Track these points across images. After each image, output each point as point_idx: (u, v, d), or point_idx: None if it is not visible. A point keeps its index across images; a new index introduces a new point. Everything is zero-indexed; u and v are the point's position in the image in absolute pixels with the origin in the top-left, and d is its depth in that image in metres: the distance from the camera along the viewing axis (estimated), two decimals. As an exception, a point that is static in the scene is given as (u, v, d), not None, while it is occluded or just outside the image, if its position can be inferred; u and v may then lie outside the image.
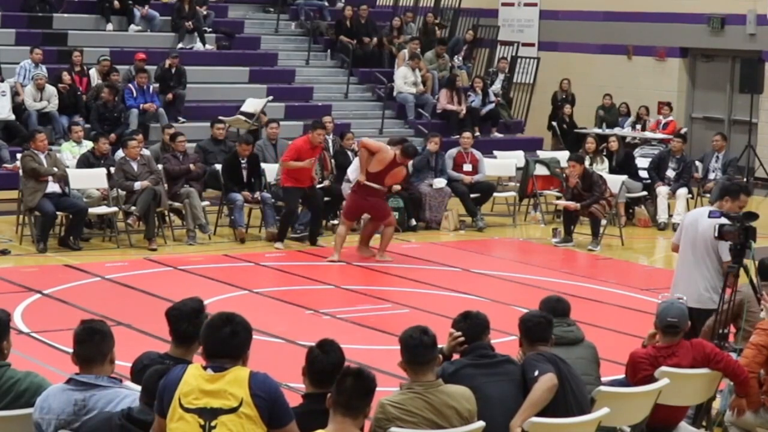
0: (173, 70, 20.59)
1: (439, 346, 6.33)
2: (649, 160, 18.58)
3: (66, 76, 19.21)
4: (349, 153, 17.01)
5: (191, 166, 15.75)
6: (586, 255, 15.83)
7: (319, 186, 15.67)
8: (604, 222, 16.34)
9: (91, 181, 15.26)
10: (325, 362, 5.72)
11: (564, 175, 17.37)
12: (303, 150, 15.17)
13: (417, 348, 6.00)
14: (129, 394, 5.59)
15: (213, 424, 5.23)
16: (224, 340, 5.36)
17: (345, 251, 14.85)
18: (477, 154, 17.83)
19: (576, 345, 7.30)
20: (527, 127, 24.62)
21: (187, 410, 5.27)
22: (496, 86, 24.18)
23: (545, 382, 6.38)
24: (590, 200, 15.98)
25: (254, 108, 20.18)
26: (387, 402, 5.94)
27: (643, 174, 18.22)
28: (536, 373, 6.43)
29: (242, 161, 15.90)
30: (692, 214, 9.86)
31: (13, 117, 18.76)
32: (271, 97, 20.74)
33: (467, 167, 17.56)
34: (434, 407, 5.93)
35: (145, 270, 13.73)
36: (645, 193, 18.04)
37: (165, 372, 5.46)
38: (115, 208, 15.14)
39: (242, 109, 20.09)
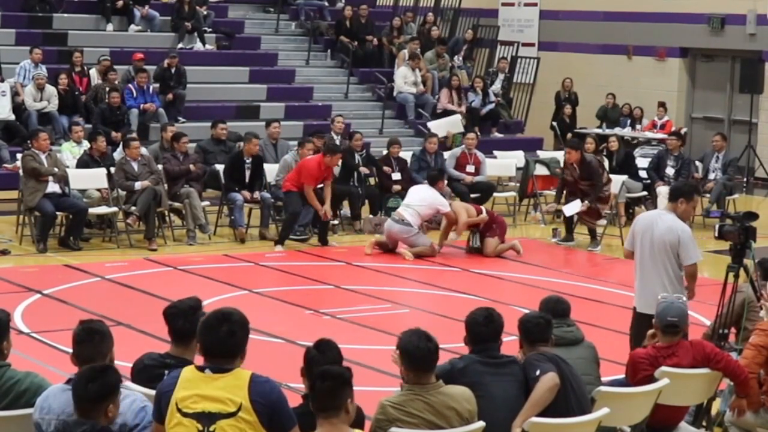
0: (173, 70, 20.59)
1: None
2: (649, 160, 18.57)
3: (63, 78, 19.15)
4: (356, 155, 16.98)
5: (191, 166, 15.71)
6: (587, 255, 15.82)
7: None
8: (604, 222, 16.31)
9: (91, 181, 15.23)
10: (322, 362, 5.68)
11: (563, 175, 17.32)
12: (318, 172, 15.11)
13: (425, 358, 5.95)
14: (129, 395, 5.55)
15: (211, 428, 5.20)
16: (222, 339, 5.32)
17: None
18: (480, 155, 17.79)
19: (576, 345, 7.30)
20: (527, 127, 24.61)
21: (185, 415, 5.24)
22: (496, 86, 24.16)
23: (547, 382, 6.38)
24: (593, 194, 15.78)
25: (447, 130, 20.89)
26: (387, 403, 5.93)
27: (643, 174, 18.21)
28: (537, 372, 6.43)
29: (246, 161, 15.84)
30: (644, 218, 9.27)
31: (13, 117, 18.75)
32: (463, 120, 21.36)
33: (470, 168, 17.53)
34: (434, 408, 5.92)
35: (145, 270, 13.72)
36: (645, 193, 18.02)
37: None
38: (115, 209, 15.12)
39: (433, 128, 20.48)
